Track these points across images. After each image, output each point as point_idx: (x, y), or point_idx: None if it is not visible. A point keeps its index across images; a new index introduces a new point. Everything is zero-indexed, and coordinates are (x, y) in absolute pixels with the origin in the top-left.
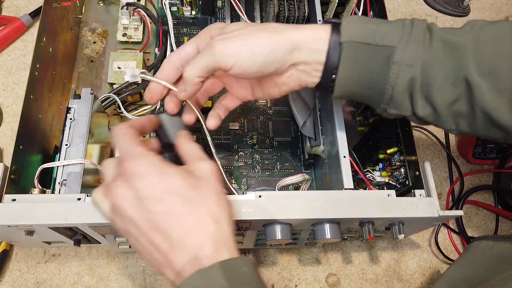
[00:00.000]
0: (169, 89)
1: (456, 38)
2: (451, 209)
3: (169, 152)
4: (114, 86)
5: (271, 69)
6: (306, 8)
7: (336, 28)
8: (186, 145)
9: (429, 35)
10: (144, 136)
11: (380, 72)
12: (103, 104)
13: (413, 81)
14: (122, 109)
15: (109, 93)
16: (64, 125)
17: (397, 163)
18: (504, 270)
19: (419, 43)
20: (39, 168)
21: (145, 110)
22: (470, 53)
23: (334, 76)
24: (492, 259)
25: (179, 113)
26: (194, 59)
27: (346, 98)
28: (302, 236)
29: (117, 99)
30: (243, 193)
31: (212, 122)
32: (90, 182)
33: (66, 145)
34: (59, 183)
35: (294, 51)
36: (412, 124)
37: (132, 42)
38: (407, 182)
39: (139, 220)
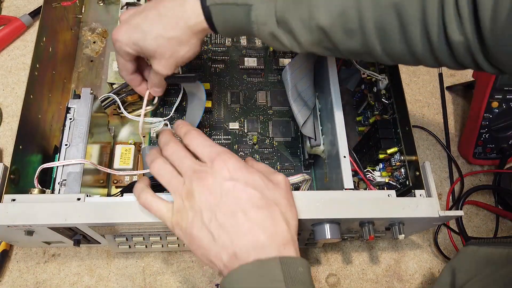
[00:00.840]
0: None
1: None
2: (451, 209)
3: None
4: (114, 86)
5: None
6: None
7: None
8: (259, 164)
9: None
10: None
11: (246, 26)
12: (103, 104)
13: (273, 34)
14: (122, 109)
15: (109, 93)
16: (64, 125)
17: (397, 163)
18: (485, 271)
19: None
20: (39, 168)
21: (145, 110)
22: None
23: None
24: (476, 263)
25: None
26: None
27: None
28: (302, 236)
29: (117, 99)
30: None
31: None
32: (90, 182)
33: (66, 145)
34: (58, 183)
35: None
36: (412, 124)
37: None
38: (407, 182)
39: (219, 203)
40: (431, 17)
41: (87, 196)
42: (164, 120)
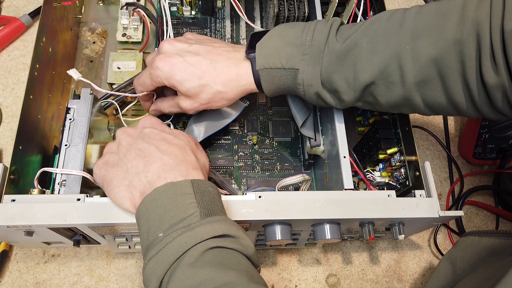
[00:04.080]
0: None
1: (347, 45)
2: (451, 209)
3: None
4: (114, 87)
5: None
6: (306, 8)
7: (254, 59)
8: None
9: (326, 50)
10: None
11: (292, 87)
12: (102, 104)
13: (318, 94)
14: (119, 110)
15: (107, 97)
16: (64, 125)
17: (397, 164)
18: (490, 262)
19: (316, 62)
20: (39, 171)
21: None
22: (364, 56)
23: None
24: (479, 254)
25: None
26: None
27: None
28: (302, 237)
29: (115, 103)
30: (243, 194)
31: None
32: (89, 182)
33: (66, 145)
34: (58, 184)
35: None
36: (412, 124)
37: (132, 42)
38: (407, 183)
39: (135, 142)
40: (470, 67)
41: (87, 196)
42: (165, 122)
